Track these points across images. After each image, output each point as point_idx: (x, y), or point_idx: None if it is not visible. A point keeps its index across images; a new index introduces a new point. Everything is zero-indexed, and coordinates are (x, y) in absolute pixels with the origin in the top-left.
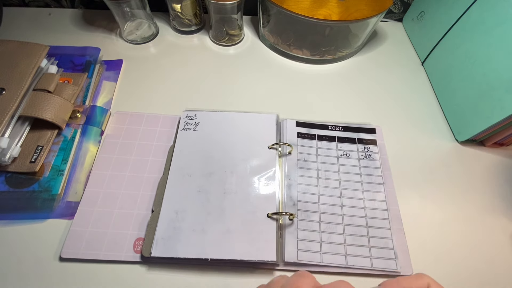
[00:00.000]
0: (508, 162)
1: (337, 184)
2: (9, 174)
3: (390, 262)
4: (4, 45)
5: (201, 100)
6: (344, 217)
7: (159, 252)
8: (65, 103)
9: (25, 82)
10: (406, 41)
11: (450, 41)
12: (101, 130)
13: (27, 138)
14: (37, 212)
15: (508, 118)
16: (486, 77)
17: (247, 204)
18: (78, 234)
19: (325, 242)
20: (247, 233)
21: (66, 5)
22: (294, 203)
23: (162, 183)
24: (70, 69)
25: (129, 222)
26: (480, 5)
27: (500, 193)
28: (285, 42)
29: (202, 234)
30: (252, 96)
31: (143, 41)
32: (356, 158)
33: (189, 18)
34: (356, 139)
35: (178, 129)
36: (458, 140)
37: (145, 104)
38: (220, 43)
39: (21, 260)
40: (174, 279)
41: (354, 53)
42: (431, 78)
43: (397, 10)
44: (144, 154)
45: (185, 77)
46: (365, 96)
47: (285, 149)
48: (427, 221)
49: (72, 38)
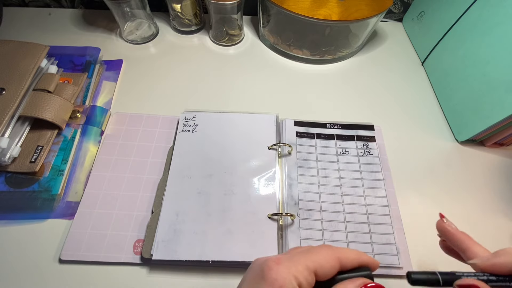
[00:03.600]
0: (508, 162)
1: (338, 182)
2: (9, 174)
3: (392, 258)
4: (4, 45)
5: (200, 100)
6: (346, 214)
7: (160, 255)
8: (65, 103)
9: (25, 82)
10: (406, 41)
11: (450, 41)
12: (101, 130)
13: (27, 138)
14: (37, 212)
15: (508, 118)
16: (486, 77)
17: (247, 205)
18: (78, 236)
19: (328, 240)
20: (248, 234)
21: (66, 5)
22: (295, 202)
23: (161, 185)
24: (70, 69)
25: (129, 224)
26: (480, 5)
27: (500, 193)
28: (285, 42)
29: (202, 236)
30: (252, 96)
31: (143, 41)
32: (355, 155)
33: (189, 18)
34: (354, 137)
35: (177, 130)
36: (458, 140)
37: (145, 103)
38: (220, 43)
39: (21, 260)
40: (174, 280)
41: (354, 53)
42: (431, 78)
43: (397, 10)
44: (144, 155)
45: (185, 77)
46: (365, 96)
47: (285, 149)
48: (426, 221)
49: (72, 38)
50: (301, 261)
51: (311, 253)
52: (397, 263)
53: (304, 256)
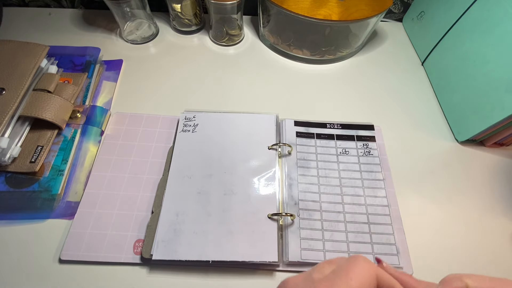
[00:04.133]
0: (508, 162)
1: (338, 182)
2: (9, 174)
3: (392, 258)
4: (4, 45)
5: (200, 100)
6: (346, 214)
7: (160, 255)
8: (65, 103)
9: (25, 82)
10: (406, 41)
11: (450, 41)
12: (101, 130)
13: (27, 138)
14: (37, 212)
15: (508, 118)
16: (486, 77)
17: (247, 205)
18: (78, 236)
19: (328, 240)
20: (248, 234)
21: (66, 5)
22: (295, 202)
23: (162, 185)
24: (70, 69)
25: (129, 224)
26: (480, 5)
27: (500, 193)
28: (285, 42)
29: (203, 236)
30: (252, 96)
31: (143, 41)
32: (355, 155)
33: (189, 18)
34: (354, 136)
35: (177, 130)
36: (458, 140)
37: (145, 103)
38: (220, 43)
39: (21, 261)
40: (174, 280)
41: (354, 53)
42: (431, 78)
43: (397, 10)
44: (144, 155)
45: (185, 77)
46: (365, 96)
47: (285, 149)
48: (426, 221)
49: (72, 38)
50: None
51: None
52: (397, 263)
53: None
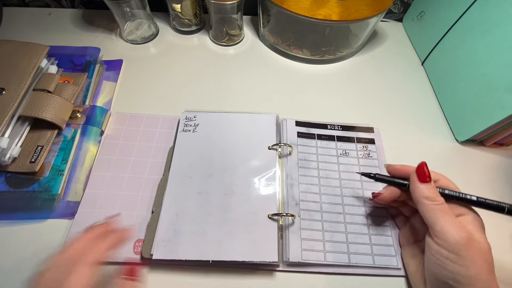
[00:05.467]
0: (508, 162)
1: (338, 183)
2: (9, 174)
3: (391, 259)
4: (4, 45)
5: (201, 100)
6: (346, 215)
7: (160, 254)
8: (65, 103)
9: (25, 82)
10: (406, 41)
11: (450, 41)
12: (101, 130)
13: (27, 138)
14: (37, 212)
15: (508, 118)
16: (486, 77)
17: (247, 205)
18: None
19: (328, 241)
20: (248, 234)
21: (66, 5)
22: (296, 202)
23: (162, 185)
24: (70, 69)
25: (129, 224)
26: (480, 5)
27: (500, 193)
28: (285, 42)
29: (203, 236)
30: (252, 96)
31: (143, 41)
32: (355, 157)
33: (189, 18)
34: (354, 138)
35: (178, 130)
36: (458, 140)
37: (145, 103)
38: (220, 43)
39: (21, 261)
40: (174, 280)
41: (354, 53)
42: (431, 78)
43: (397, 10)
44: (144, 155)
45: (185, 77)
46: (365, 96)
47: (285, 149)
48: None
49: (72, 38)
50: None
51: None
52: (395, 264)
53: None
